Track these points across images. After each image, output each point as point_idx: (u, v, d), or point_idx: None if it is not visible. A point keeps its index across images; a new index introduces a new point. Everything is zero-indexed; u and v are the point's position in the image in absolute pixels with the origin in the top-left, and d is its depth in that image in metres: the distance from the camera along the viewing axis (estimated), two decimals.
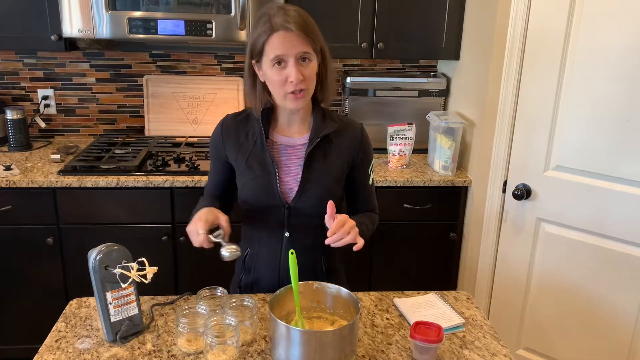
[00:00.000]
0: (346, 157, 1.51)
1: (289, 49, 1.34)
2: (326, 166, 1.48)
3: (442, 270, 2.64)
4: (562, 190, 2.10)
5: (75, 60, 2.80)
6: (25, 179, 2.27)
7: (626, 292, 2.01)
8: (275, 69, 1.36)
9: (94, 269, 1.24)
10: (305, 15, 1.38)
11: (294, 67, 1.34)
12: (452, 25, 2.60)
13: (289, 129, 1.51)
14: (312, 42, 1.36)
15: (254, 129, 1.51)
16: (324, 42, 1.41)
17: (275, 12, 1.36)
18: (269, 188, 1.46)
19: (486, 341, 1.34)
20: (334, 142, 1.50)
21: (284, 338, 1.16)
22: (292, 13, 1.35)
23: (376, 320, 1.41)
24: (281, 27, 1.33)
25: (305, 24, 1.35)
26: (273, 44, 1.34)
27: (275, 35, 1.33)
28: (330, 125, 1.49)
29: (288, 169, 1.49)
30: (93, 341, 1.29)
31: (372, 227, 1.57)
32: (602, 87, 1.93)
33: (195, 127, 2.88)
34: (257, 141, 1.49)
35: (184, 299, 1.47)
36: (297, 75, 1.34)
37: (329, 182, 1.49)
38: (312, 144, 1.46)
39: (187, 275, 2.49)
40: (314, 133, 1.47)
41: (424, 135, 2.69)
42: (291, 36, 1.33)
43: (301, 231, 1.50)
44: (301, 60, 1.36)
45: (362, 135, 1.54)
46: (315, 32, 1.38)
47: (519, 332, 2.35)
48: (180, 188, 2.35)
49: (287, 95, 1.38)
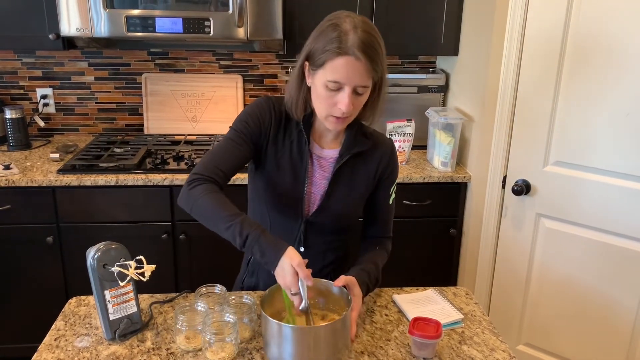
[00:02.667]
0: (372, 175, 1.46)
1: (351, 79, 1.25)
2: (352, 183, 1.44)
3: (442, 266, 2.64)
4: (562, 185, 2.10)
5: (74, 59, 2.79)
6: (25, 178, 2.27)
7: (626, 287, 2.01)
8: (328, 90, 1.27)
9: (92, 267, 1.24)
10: (378, 40, 1.27)
11: (349, 97, 1.26)
12: (450, 20, 2.59)
13: (321, 139, 1.44)
14: (375, 74, 1.27)
15: (291, 130, 1.42)
16: (385, 69, 1.31)
17: (351, 28, 1.24)
18: (295, 198, 1.41)
19: (485, 337, 1.34)
20: (363, 159, 1.44)
21: (277, 336, 1.16)
22: (367, 38, 1.23)
23: (375, 316, 1.41)
24: (352, 53, 1.22)
25: (375, 54, 1.25)
26: (336, 67, 1.24)
27: (342, 58, 1.23)
28: (362, 142, 1.43)
29: (316, 181, 1.43)
30: (92, 339, 1.29)
31: (379, 271, 1.47)
32: (601, 82, 1.93)
33: (194, 125, 2.88)
34: (293, 145, 1.41)
35: (183, 296, 1.47)
36: (349, 106, 1.27)
37: (353, 199, 1.45)
38: (342, 160, 1.41)
39: (187, 273, 2.49)
40: (345, 149, 1.42)
41: (423, 132, 2.68)
42: (358, 66, 1.23)
43: (313, 244, 1.47)
44: (357, 90, 1.28)
45: (391, 154, 1.49)
46: (382, 61, 1.28)
47: (519, 328, 2.35)
48: (180, 186, 2.33)
49: (329, 117, 1.31)
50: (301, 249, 1.46)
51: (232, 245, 1.64)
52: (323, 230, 1.46)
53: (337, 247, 1.53)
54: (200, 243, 2.43)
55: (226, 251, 1.81)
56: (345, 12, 1.30)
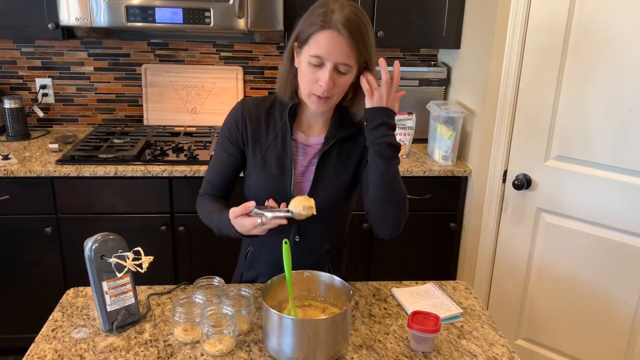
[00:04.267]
0: (360, 156, 1.44)
1: (332, 54, 1.26)
2: (339, 167, 1.43)
3: (442, 260, 2.64)
4: (563, 180, 2.09)
5: (73, 49, 2.78)
6: (23, 169, 2.26)
7: (626, 282, 2.00)
8: (311, 66, 1.29)
9: (89, 258, 1.23)
10: (365, 23, 1.28)
11: (329, 72, 1.26)
12: (453, 13, 2.57)
13: (309, 128, 1.45)
14: (359, 52, 1.27)
15: (275, 123, 1.43)
16: (372, 55, 1.32)
17: (337, 7, 1.26)
18: (283, 188, 1.40)
19: (484, 331, 1.34)
20: (350, 144, 1.44)
21: (277, 327, 1.16)
22: (352, 16, 1.25)
23: (374, 310, 1.41)
24: (335, 27, 1.24)
25: (359, 33, 1.26)
26: (319, 40, 1.26)
27: (325, 32, 1.25)
28: (348, 127, 1.43)
29: (304, 169, 1.43)
30: (89, 331, 1.28)
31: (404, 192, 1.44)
32: (603, 76, 1.91)
33: (194, 117, 2.86)
34: (277, 136, 1.42)
35: (181, 288, 1.47)
36: (328, 82, 1.27)
37: (342, 183, 1.44)
38: (328, 145, 1.41)
39: (186, 265, 2.49)
40: (330, 134, 1.42)
41: (424, 125, 2.67)
42: (340, 40, 1.24)
43: (309, 233, 1.46)
44: (339, 68, 1.28)
45: None
46: (367, 44, 1.28)
47: (519, 322, 2.35)
48: (179, 178, 2.33)
49: (311, 95, 1.32)
50: (297, 238, 1.45)
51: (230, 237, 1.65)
52: (317, 218, 1.44)
53: (333, 236, 1.52)
54: (199, 235, 2.42)
55: (225, 243, 1.80)
56: None
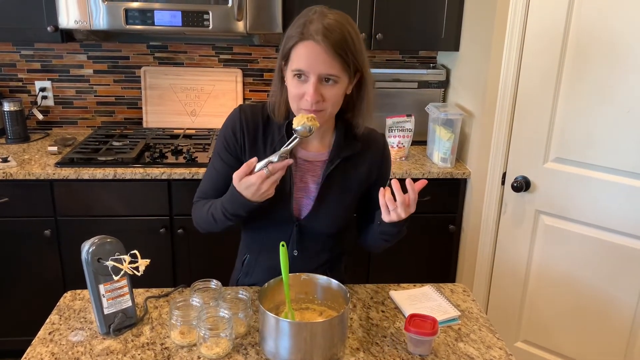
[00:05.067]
0: (366, 175, 1.42)
1: (312, 66, 1.19)
2: (344, 186, 1.40)
3: (441, 262, 2.64)
4: (562, 182, 2.08)
5: (73, 51, 2.78)
6: (22, 171, 2.26)
7: (625, 284, 2.00)
8: (295, 81, 1.23)
9: (86, 261, 1.23)
10: (347, 29, 1.20)
11: (313, 86, 1.20)
12: (451, 15, 2.57)
13: (307, 144, 1.39)
14: (344, 62, 1.20)
15: (273, 135, 1.37)
16: (363, 62, 1.25)
17: (316, 16, 1.20)
18: (283, 204, 1.37)
19: (482, 334, 1.34)
20: (354, 162, 1.40)
21: (274, 330, 1.16)
22: (332, 24, 1.18)
23: (371, 312, 1.40)
24: (311, 37, 1.17)
25: (340, 41, 1.18)
26: (298, 54, 1.20)
27: (303, 44, 1.19)
28: (352, 145, 1.38)
29: (304, 185, 1.40)
30: (86, 334, 1.28)
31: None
32: (602, 77, 1.91)
33: (193, 119, 2.86)
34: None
35: (179, 291, 1.47)
36: (314, 96, 1.20)
37: (345, 202, 1.42)
38: (332, 165, 1.36)
39: (185, 268, 2.49)
40: (335, 153, 1.37)
41: (423, 127, 2.67)
42: (319, 51, 1.17)
43: (308, 247, 1.45)
44: (325, 80, 1.22)
45: (384, 150, 1.45)
46: (352, 51, 1.21)
47: (518, 325, 2.34)
48: (178, 180, 2.33)
49: (300, 110, 1.26)
50: (295, 253, 1.43)
51: (229, 239, 1.64)
52: (317, 233, 1.43)
53: (332, 247, 1.51)
54: (198, 237, 2.42)
55: (224, 245, 1.81)
56: (320, 6, 1.25)
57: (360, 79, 1.30)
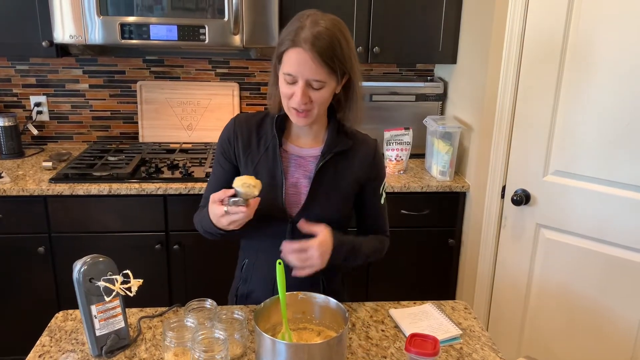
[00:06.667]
0: (357, 175, 1.45)
1: (301, 71, 1.27)
2: (335, 182, 1.42)
3: (441, 277, 2.60)
4: (562, 195, 2.06)
5: (68, 66, 2.77)
6: (16, 187, 2.23)
7: (628, 299, 1.97)
8: (286, 82, 1.31)
9: (78, 281, 1.21)
10: (336, 36, 1.27)
11: (301, 88, 1.28)
12: (449, 28, 2.57)
13: (300, 140, 1.46)
14: (330, 68, 1.27)
15: (266, 135, 1.44)
16: (352, 67, 1.32)
17: (308, 23, 1.27)
18: (274, 199, 1.40)
19: (484, 353, 1.30)
20: (346, 159, 1.44)
21: (270, 352, 1.12)
22: (321, 31, 1.25)
23: (371, 332, 1.37)
24: (301, 44, 1.25)
25: (327, 49, 1.25)
26: (289, 58, 1.28)
27: (293, 50, 1.27)
28: (344, 141, 1.43)
29: (296, 181, 1.43)
30: (78, 356, 1.25)
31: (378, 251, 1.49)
32: (601, 90, 1.90)
33: (189, 134, 2.84)
34: (269, 148, 1.43)
35: (173, 311, 1.43)
36: (301, 98, 1.29)
37: (337, 199, 1.43)
38: (324, 159, 1.40)
39: (181, 284, 2.45)
40: (327, 148, 1.42)
41: (421, 140, 2.65)
42: (306, 58, 1.26)
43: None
44: (312, 84, 1.29)
45: (375, 153, 1.48)
46: (340, 57, 1.28)
47: (519, 340, 2.30)
48: (174, 195, 2.31)
49: (290, 109, 1.34)
50: None
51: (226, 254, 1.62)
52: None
53: None
54: (194, 253, 2.39)
55: (220, 261, 1.78)
56: (313, 10, 1.32)
57: (348, 81, 1.37)
